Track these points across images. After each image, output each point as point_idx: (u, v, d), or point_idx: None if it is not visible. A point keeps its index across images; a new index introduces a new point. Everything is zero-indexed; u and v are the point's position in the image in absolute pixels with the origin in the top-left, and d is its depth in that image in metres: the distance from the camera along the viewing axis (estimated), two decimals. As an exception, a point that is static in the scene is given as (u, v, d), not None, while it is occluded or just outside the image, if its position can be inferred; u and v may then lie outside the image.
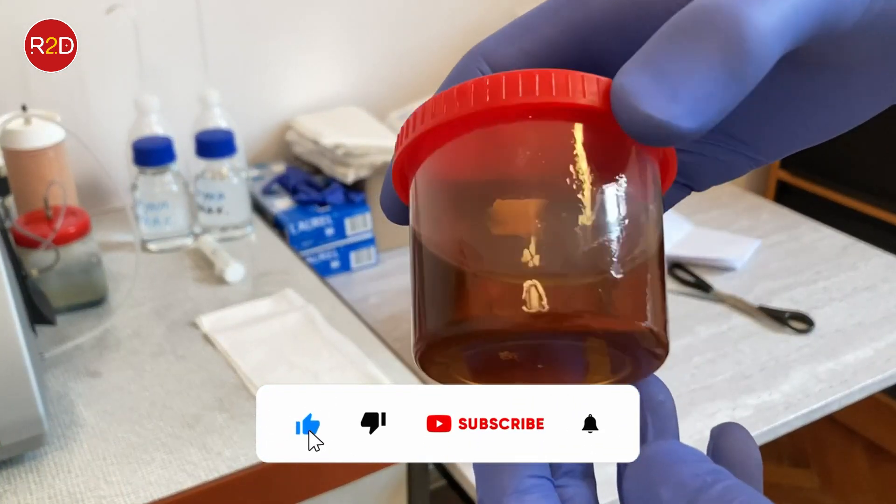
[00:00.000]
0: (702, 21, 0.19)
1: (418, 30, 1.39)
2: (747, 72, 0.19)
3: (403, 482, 0.86)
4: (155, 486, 0.72)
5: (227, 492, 0.73)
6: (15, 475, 0.73)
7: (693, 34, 0.19)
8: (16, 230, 0.90)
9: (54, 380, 0.84)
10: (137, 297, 0.99)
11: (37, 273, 0.91)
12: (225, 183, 1.10)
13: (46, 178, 0.96)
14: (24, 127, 0.96)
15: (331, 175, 1.20)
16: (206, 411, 0.80)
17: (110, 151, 1.16)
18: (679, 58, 0.19)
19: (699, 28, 0.19)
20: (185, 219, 1.10)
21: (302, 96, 1.32)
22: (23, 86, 1.09)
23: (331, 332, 0.91)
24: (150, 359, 0.88)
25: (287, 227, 1.15)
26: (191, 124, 1.13)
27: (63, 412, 0.80)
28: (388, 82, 1.39)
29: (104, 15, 1.04)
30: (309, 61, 1.31)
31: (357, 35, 1.34)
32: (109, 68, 1.15)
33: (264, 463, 0.74)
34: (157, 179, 1.06)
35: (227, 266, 1.02)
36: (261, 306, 0.97)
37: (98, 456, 0.75)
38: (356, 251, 1.19)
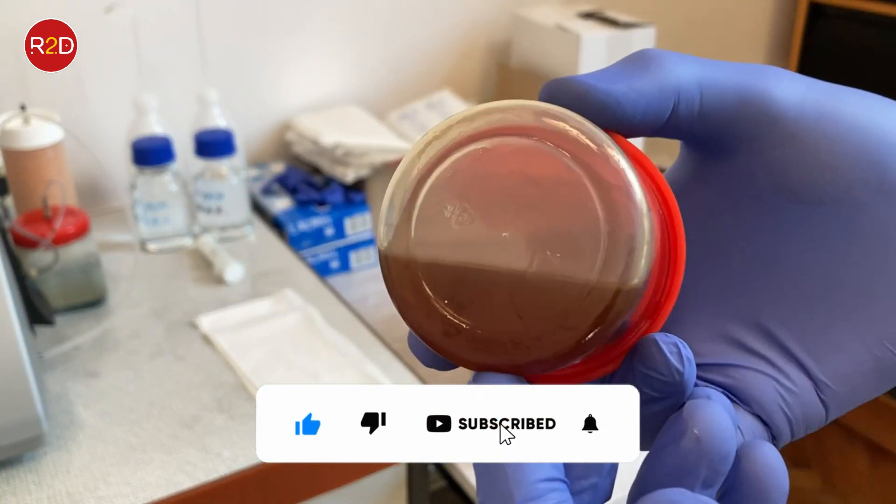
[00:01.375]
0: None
1: (418, 30, 1.39)
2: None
3: (403, 483, 0.86)
4: (154, 486, 0.72)
5: (227, 492, 0.73)
6: (14, 476, 0.73)
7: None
8: (14, 230, 0.90)
9: (53, 380, 0.84)
10: (136, 297, 0.99)
11: (35, 273, 0.91)
12: (224, 183, 1.10)
13: (45, 178, 0.96)
14: (23, 126, 0.96)
15: (330, 175, 1.20)
16: (206, 412, 0.80)
17: (109, 151, 1.15)
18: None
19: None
20: (185, 219, 1.10)
21: (301, 96, 1.32)
22: (22, 85, 1.09)
23: (330, 333, 0.91)
24: (149, 359, 0.88)
25: (286, 227, 1.15)
26: (190, 124, 1.12)
27: (62, 413, 0.80)
28: (388, 82, 1.39)
29: (103, 14, 1.04)
30: (308, 61, 1.31)
31: (357, 35, 1.34)
32: (108, 68, 1.15)
33: (264, 463, 0.74)
34: (156, 179, 1.06)
35: (226, 266, 1.02)
36: (260, 306, 0.97)
37: (97, 456, 0.75)
38: (356, 251, 1.19)
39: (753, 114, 0.24)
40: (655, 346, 0.23)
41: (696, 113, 0.24)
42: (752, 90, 0.24)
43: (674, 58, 0.25)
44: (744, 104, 0.24)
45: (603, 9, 1.38)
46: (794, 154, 0.24)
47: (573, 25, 1.30)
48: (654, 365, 0.23)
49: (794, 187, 0.24)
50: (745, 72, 0.25)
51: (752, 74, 0.25)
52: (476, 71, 1.46)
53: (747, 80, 0.24)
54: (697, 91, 0.24)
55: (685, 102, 0.24)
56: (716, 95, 0.24)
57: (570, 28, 1.29)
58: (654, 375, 0.23)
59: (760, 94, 0.24)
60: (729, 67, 0.25)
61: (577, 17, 1.35)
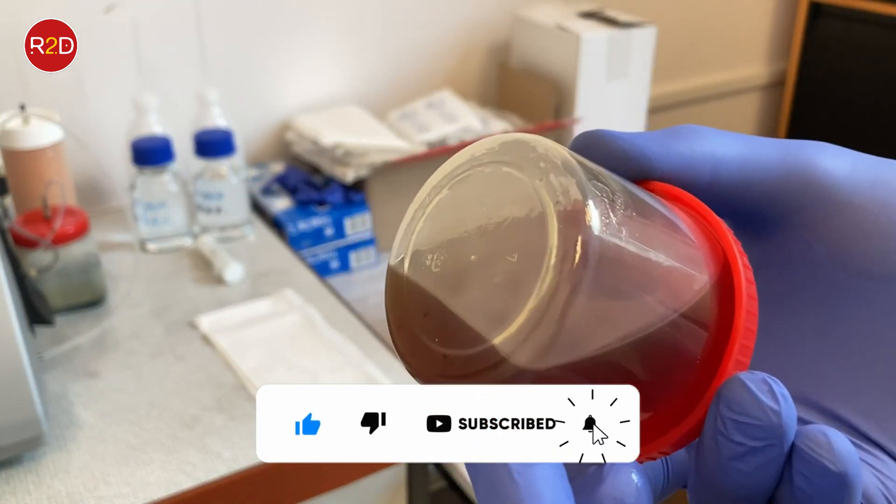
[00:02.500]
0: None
1: (418, 30, 1.39)
2: None
3: (403, 483, 0.86)
4: (154, 486, 0.72)
5: (227, 493, 0.73)
6: (14, 476, 0.73)
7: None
8: (14, 230, 0.90)
9: (53, 380, 0.84)
10: (136, 297, 0.99)
11: (35, 273, 0.91)
12: (224, 183, 1.10)
13: (45, 178, 0.96)
14: (23, 126, 0.96)
15: (330, 175, 1.20)
16: (205, 412, 0.80)
17: (109, 151, 1.15)
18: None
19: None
20: (184, 219, 1.10)
21: (301, 95, 1.32)
22: (21, 85, 1.09)
23: (330, 333, 0.91)
24: (148, 359, 0.88)
25: (286, 227, 1.15)
26: (189, 124, 1.12)
27: (62, 413, 0.80)
28: (388, 82, 1.39)
29: (103, 14, 1.04)
30: (308, 61, 1.31)
31: (357, 34, 1.34)
32: (108, 67, 1.15)
33: (264, 463, 0.74)
34: (155, 179, 1.06)
35: (226, 266, 1.02)
36: (260, 306, 0.97)
37: (97, 457, 0.75)
38: (356, 251, 1.19)
39: (802, 183, 0.23)
40: (741, 386, 0.20)
41: (738, 180, 0.23)
42: (797, 159, 0.23)
43: (714, 132, 0.24)
44: (790, 172, 0.23)
45: (603, 8, 1.38)
46: (852, 223, 0.23)
47: (573, 25, 1.30)
48: (744, 408, 0.20)
49: (856, 259, 0.23)
50: (787, 146, 0.24)
51: (795, 147, 0.24)
52: (476, 71, 1.46)
53: (790, 150, 0.23)
54: (738, 160, 0.23)
55: (725, 170, 0.23)
56: (759, 165, 0.23)
57: (571, 28, 1.29)
58: (746, 420, 0.20)
59: (806, 162, 0.23)
60: (770, 142, 0.24)
61: (577, 16, 1.35)
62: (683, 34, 1.66)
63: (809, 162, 0.23)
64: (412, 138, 1.23)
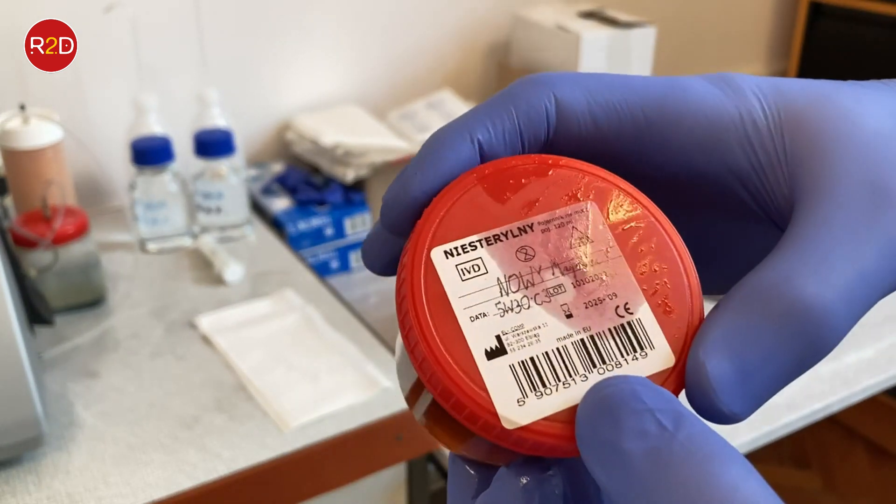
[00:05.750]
0: (777, 306, 0.19)
1: (418, 30, 1.39)
2: (815, 362, 0.20)
3: (403, 483, 0.86)
4: (154, 487, 0.71)
5: (226, 493, 0.73)
6: (13, 476, 0.72)
7: (769, 318, 0.19)
8: (14, 230, 0.90)
9: (52, 380, 0.84)
10: (136, 297, 0.99)
11: (35, 273, 0.91)
12: (224, 183, 1.09)
13: (45, 178, 0.96)
14: (23, 126, 0.95)
15: (330, 175, 1.20)
16: (205, 412, 0.80)
17: (108, 151, 1.15)
18: (757, 348, 0.19)
19: (773, 313, 0.19)
20: (184, 219, 1.09)
21: (301, 95, 1.32)
22: (21, 85, 1.09)
23: (330, 333, 0.91)
24: (148, 359, 0.88)
25: (286, 227, 1.14)
26: (189, 124, 1.12)
27: (61, 413, 0.80)
28: (388, 82, 1.39)
29: (103, 14, 1.04)
30: (308, 60, 1.31)
31: (357, 34, 1.34)
32: (108, 67, 1.15)
33: (263, 463, 0.74)
34: (155, 179, 1.06)
35: (225, 266, 1.02)
36: (260, 307, 0.96)
37: (97, 457, 0.75)
38: (356, 251, 1.19)
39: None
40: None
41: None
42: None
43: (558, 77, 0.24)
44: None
45: (603, 8, 1.38)
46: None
47: (573, 25, 1.30)
48: None
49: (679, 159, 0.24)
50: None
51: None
52: (476, 71, 1.46)
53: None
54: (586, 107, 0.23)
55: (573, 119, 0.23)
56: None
57: (571, 28, 1.29)
58: None
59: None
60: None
61: (577, 16, 1.34)
62: (683, 34, 1.66)
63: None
64: (412, 138, 1.23)
